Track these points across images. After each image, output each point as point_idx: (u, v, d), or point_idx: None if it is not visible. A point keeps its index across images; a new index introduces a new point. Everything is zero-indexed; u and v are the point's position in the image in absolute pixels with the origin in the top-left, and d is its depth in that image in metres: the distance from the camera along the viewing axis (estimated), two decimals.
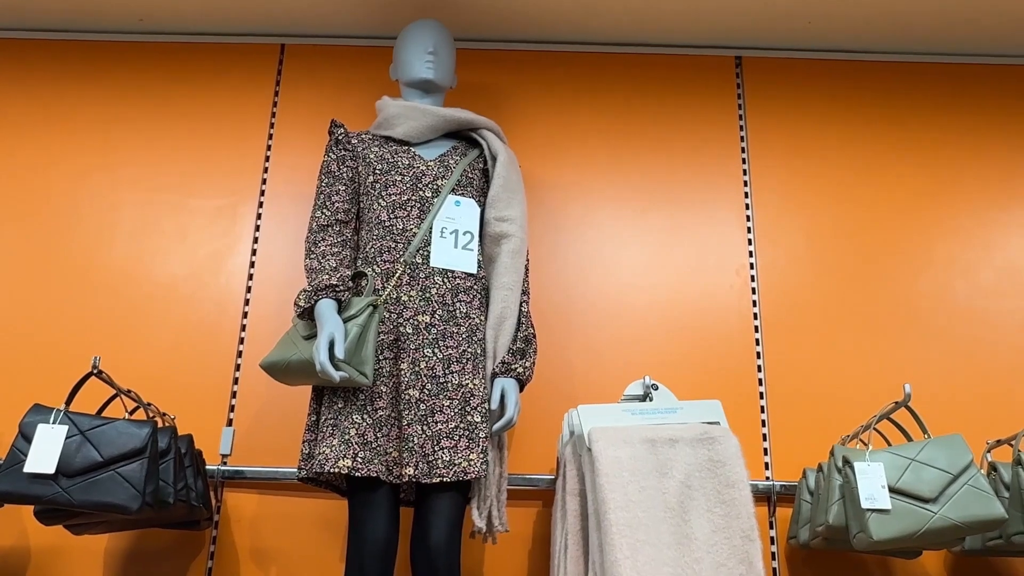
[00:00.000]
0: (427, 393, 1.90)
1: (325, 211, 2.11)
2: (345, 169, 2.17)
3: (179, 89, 2.70)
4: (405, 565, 2.13)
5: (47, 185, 2.59)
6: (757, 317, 2.46)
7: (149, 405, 2.10)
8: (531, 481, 2.26)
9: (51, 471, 1.77)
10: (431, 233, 2.06)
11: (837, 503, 1.89)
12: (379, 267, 2.02)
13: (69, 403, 1.92)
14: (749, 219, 2.57)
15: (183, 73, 2.72)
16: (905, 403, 1.95)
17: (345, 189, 2.15)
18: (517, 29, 2.71)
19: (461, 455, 1.86)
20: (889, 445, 2.08)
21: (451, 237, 2.07)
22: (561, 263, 2.52)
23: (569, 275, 2.51)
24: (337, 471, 1.81)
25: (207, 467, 2.20)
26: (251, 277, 2.49)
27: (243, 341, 2.42)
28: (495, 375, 1.99)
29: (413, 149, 2.18)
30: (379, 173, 2.13)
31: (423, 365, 1.92)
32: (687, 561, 1.74)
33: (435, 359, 1.93)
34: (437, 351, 1.94)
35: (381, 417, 1.90)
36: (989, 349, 2.43)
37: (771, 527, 2.27)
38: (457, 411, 1.90)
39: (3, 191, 2.58)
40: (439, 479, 1.83)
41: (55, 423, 1.84)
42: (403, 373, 1.91)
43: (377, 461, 1.86)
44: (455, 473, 1.84)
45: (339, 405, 1.90)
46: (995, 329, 2.46)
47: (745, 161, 2.64)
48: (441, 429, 1.87)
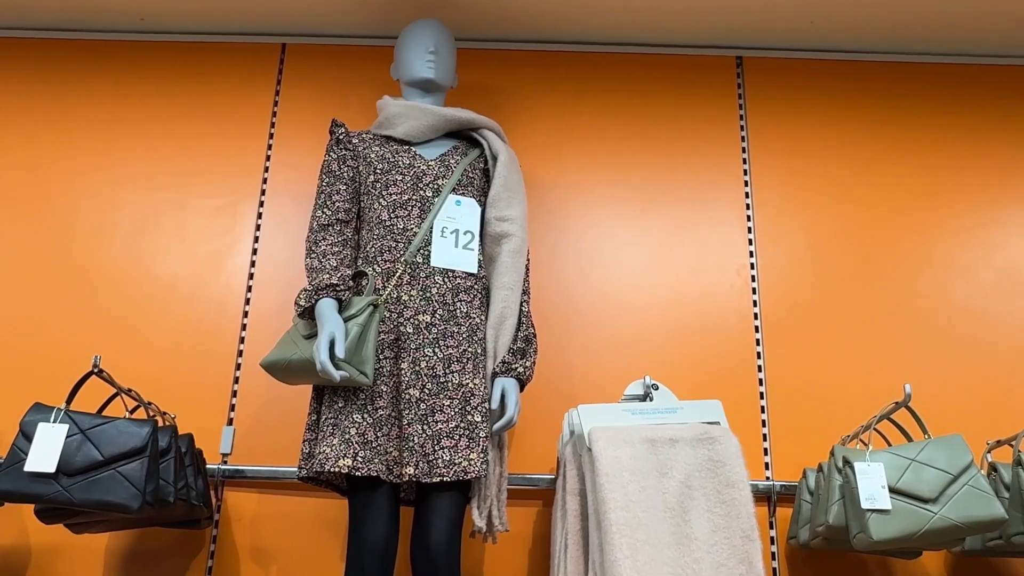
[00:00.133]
0: (427, 392, 1.90)
1: (326, 210, 2.11)
2: (346, 168, 2.17)
3: (180, 88, 2.70)
4: (405, 565, 2.13)
5: (47, 184, 2.59)
6: (757, 317, 2.46)
7: (149, 404, 2.10)
8: (531, 481, 2.26)
9: (52, 470, 1.77)
10: (432, 233, 2.06)
11: (837, 503, 1.89)
12: (380, 267, 2.02)
13: (70, 402, 1.92)
14: (749, 219, 2.57)
15: (184, 72, 2.72)
16: (905, 403, 1.95)
17: (346, 188, 2.15)
18: (518, 29, 2.71)
19: (461, 455, 1.86)
20: (889, 445, 2.08)
21: (452, 237, 2.07)
22: (561, 263, 2.52)
23: (569, 275, 2.51)
24: (337, 470, 1.81)
25: (207, 466, 2.20)
26: (251, 276, 2.49)
27: (243, 340, 2.42)
28: (495, 375, 1.99)
29: (414, 149, 2.18)
30: (380, 173, 2.13)
31: (423, 364, 1.92)
32: (687, 561, 1.74)
33: (435, 359, 1.93)
34: (437, 351, 1.94)
35: (381, 416, 1.90)
36: (989, 349, 2.43)
37: (771, 527, 2.27)
38: (457, 411, 1.90)
39: (3, 190, 2.58)
40: (439, 479, 1.83)
41: (56, 422, 1.84)
42: (403, 372, 1.91)
43: (377, 460, 1.86)
44: (455, 473, 1.84)
45: (339, 404, 1.90)
46: (995, 329, 2.46)
47: (746, 161, 2.64)
48: (441, 429, 1.87)
